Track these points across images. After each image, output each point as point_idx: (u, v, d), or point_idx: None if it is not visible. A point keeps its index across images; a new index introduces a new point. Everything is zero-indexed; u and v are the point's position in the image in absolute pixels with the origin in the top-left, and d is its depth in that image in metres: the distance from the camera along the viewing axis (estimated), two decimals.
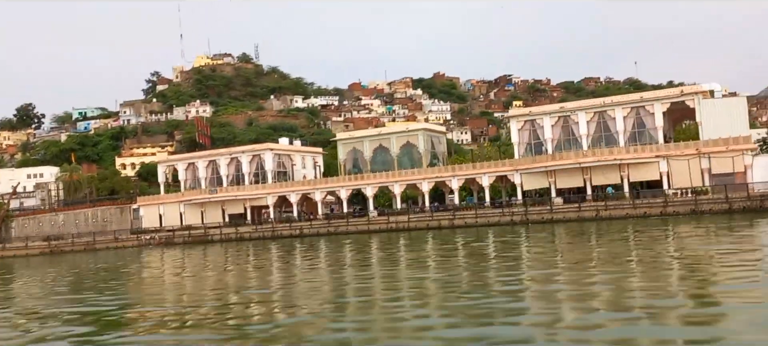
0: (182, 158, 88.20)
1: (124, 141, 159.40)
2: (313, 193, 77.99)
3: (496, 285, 23.86)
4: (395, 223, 67.80)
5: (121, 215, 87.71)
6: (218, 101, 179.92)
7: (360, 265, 36.55)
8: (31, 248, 76.58)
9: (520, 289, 22.73)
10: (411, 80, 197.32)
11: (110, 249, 78.19)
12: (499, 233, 53.53)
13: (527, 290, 22.36)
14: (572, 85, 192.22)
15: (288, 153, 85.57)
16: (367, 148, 76.59)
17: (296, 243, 62.28)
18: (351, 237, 65.02)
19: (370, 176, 74.70)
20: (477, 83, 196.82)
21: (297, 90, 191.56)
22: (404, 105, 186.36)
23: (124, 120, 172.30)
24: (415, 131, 74.48)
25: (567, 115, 65.18)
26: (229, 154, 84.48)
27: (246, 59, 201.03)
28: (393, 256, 40.76)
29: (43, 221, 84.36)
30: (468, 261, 33.57)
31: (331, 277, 30.95)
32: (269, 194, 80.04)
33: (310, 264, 39.21)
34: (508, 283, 24.01)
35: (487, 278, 26.11)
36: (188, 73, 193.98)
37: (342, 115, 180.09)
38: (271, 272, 35.94)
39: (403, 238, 57.72)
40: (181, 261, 50.46)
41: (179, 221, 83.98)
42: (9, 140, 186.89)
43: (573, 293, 20.59)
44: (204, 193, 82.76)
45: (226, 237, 76.36)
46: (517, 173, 66.35)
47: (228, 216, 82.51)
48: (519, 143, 67.73)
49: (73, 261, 63.78)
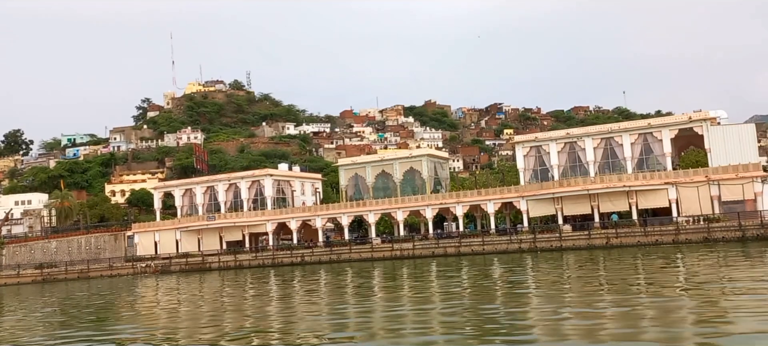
0: (179, 184, 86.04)
1: (114, 168, 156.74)
2: (314, 220, 76.18)
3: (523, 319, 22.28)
4: (400, 250, 66.11)
5: (115, 242, 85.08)
6: (210, 128, 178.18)
7: (364, 295, 34.72)
8: (22, 276, 73.79)
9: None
10: (402, 108, 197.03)
11: (104, 277, 75.65)
12: (507, 261, 52.04)
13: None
14: (562, 113, 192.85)
15: (287, 179, 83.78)
16: (370, 174, 75.09)
17: (297, 271, 60.36)
18: (354, 265, 63.23)
19: (372, 203, 73.08)
20: (468, 111, 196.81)
21: (289, 117, 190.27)
22: (396, 132, 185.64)
23: (114, 146, 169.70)
24: (418, 157, 73.18)
25: (573, 141, 64.28)
26: (228, 180, 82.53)
27: (238, 86, 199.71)
28: (398, 285, 39.01)
29: (35, 249, 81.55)
30: (479, 293, 32.00)
31: (333, 310, 29.02)
32: (269, 221, 78.05)
33: (309, 297, 37.09)
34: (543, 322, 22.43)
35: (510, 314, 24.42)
36: (180, 100, 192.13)
37: (334, 142, 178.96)
38: (270, 304, 33.83)
39: (407, 266, 56.05)
40: (178, 291, 48.09)
41: (175, 248, 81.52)
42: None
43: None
44: (201, 219, 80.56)
45: (225, 265, 74.19)
46: (524, 200, 65.12)
47: (226, 243, 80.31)
48: (524, 169, 66.57)
49: (66, 290, 61.29)
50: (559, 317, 21.79)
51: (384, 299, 32.07)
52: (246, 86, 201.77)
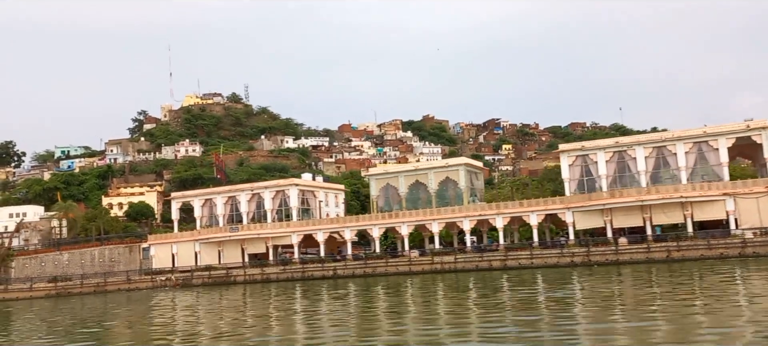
0: (198, 194, 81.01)
1: (112, 180, 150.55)
2: (343, 231, 71.78)
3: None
4: (440, 263, 61.97)
5: (129, 254, 79.67)
6: (208, 141, 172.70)
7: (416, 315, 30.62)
8: (35, 290, 68.09)
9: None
10: (401, 122, 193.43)
11: (122, 291, 70.33)
12: (559, 276, 48.30)
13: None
14: (560, 129, 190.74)
15: (312, 189, 79.25)
16: (403, 184, 70.94)
17: (324, 286, 55.93)
18: (390, 280, 58.95)
19: (405, 214, 68.93)
20: (466, 126, 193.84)
21: (287, 130, 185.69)
22: (395, 147, 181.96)
23: (110, 159, 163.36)
24: (455, 167, 69.23)
25: (623, 149, 60.94)
26: (251, 190, 77.77)
27: (236, 99, 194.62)
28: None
29: (46, 261, 75.82)
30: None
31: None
32: (294, 233, 73.42)
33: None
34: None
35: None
36: (177, 113, 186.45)
37: (333, 156, 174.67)
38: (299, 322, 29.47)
39: (442, 280, 51.96)
40: (214, 310, 42.82)
41: (194, 260, 76.43)
42: None
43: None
44: (223, 231, 75.61)
45: (251, 278, 69.35)
46: (569, 212, 61.48)
47: (247, 256, 75.41)
48: (570, 180, 62.96)
49: (82, 305, 56.05)
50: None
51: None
52: (244, 99, 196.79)
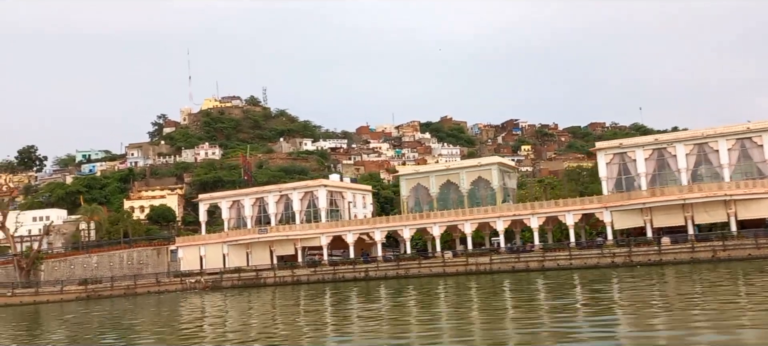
0: (226, 196, 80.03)
1: (133, 183, 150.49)
2: (374, 232, 70.53)
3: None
4: (475, 265, 60.51)
5: (157, 257, 78.90)
6: (227, 143, 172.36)
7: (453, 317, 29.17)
8: (66, 293, 67.32)
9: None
10: (418, 124, 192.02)
11: (151, 293, 69.43)
12: (603, 277, 46.73)
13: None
14: (579, 129, 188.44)
15: (340, 190, 78.04)
16: (434, 185, 69.58)
17: (356, 288, 54.65)
18: (423, 281, 57.56)
19: (437, 214, 67.54)
20: (484, 127, 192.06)
21: (305, 133, 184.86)
22: (413, 148, 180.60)
23: (131, 162, 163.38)
24: (488, 166, 67.75)
25: (662, 147, 59.20)
26: (279, 191, 76.70)
27: (254, 102, 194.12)
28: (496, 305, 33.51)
29: (76, 264, 75.10)
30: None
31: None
32: (323, 234, 72.26)
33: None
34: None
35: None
36: (196, 116, 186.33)
37: (352, 158, 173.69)
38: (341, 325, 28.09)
39: (480, 281, 50.48)
40: (247, 313, 41.63)
41: (222, 262, 75.47)
42: (10, 183, 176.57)
43: None
44: (252, 232, 74.57)
45: (281, 280, 68.23)
46: (607, 211, 59.82)
47: (276, 257, 74.31)
48: (607, 178, 61.28)
49: (111, 308, 55.16)
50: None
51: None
52: (262, 102, 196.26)
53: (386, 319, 30.92)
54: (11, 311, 59.24)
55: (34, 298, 65.73)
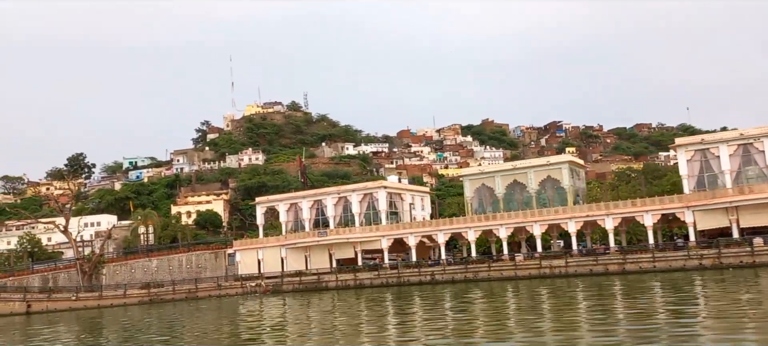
0: (284, 198, 78.34)
1: (179, 189, 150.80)
2: (436, 235, 67.96)
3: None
4: (549, 267, 57.49)
5: (215, 261, 77.60)
6: (270, 149, 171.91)
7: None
8: (129, 296, 66.23)
9: None
10: (460, 127, 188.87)
11: (212, 297, 67.98)
12: (689, 280, 43.45)
13: None
14: (625, 131, 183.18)
15: (399, 192, 75.70)
16: (499, 185, 66.72)
17: (421, 292, 52.14)
18: (494, 285, 54.79)
19: (504, 216, 64.66)
20: (526, 129, 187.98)
21: (347, 137, 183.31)
22: (455, 152, 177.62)
23: (177, 168, 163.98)
24: (558, 164, 64.66)
25: (749, 142, 55.41)
26: (338, 193, 74.69)
27: (295, 107, 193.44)
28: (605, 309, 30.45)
29: (136, 267, 74.20)
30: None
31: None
32: (384, 236, 69.94)
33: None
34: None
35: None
36: (239, 122, 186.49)
37: (393, 161, 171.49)
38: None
39: (558, 285, 47.41)
40: (320, 318, 39.62)
41: (280, 266, 73.70)
42: (60, 190, 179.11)
43: None
44: (311, 235, 72.65)
45: (343, 284, 66.11)
46: (689, 211, 56.25)
47: (335, 261, 72.23)
48: (688, 176, 57.69)
49: (175, 312, 53.58)
50: None
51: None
52: (303, 107, 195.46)
53: (492, 325, 28.34)
54: (75, 315, 58.27)
55: (98, 302, 64.75)
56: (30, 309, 61.10)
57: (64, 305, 62.78)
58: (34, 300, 62.29)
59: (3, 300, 60.58)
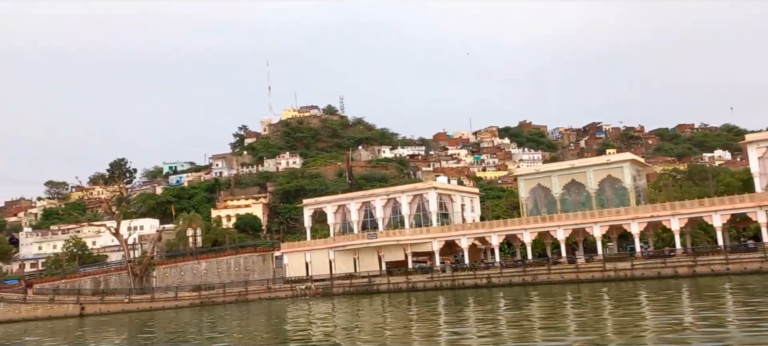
0: (331, 200, 76.83)
1: (219, 193, 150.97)
2: (490, 237, 65.64)
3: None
4: (613, 270, 54.71)
5: (263, 263, 76.42)
6: (307, 153, 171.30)
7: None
8: (180, 299, 65.29)
9: None
10: (497, 129, 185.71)
11: (262, 300, 66.66)
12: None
13: None
14: (667, 132, 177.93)
15: (449, 193, 73.57)
16: (556, 185, 64.14)
17: (475, 295, 49.66)
18: (554, 288, 52.21)
19: (562, 217, 62.04)
20: (565, 131, 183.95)
21: (383, 140, 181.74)
22: (492, 154, 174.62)
23: (216, 172, 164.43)
24: (619, 163, 61.81)
25: None
26: (387, 194, 72.89)
27: (331, 111, 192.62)
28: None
29: (185, 270, 73.39)
30: None
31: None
32: (435, 239, 67.87)
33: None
34: None
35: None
36: (276, 126, 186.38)
37: (430, 164, 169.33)
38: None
39: (626, 289, 44.47)
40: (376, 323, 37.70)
41: (328, 269, 72.13)
42: (104, 194, 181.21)
43: None
44: (359, 238, 70.94)
45: (395, 287, 64.14)
46: (762, 210, 52.97)
47: (384, 263, 70.35)
48: (761, 174, 54.44)
49: (226, 313, 52.23)
50: None
51: None
52: (339, 111, 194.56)
53: (568, 332, 26.06)
54: (128, 317, 57.46)
55: (149, 304, 63.93)
56: (83, 311, 60.50)
57: (116, 307, 62.07)
58: (88, 302, 61.70)
59: (57, 302, 60.10)
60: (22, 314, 57.88)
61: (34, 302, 58.85)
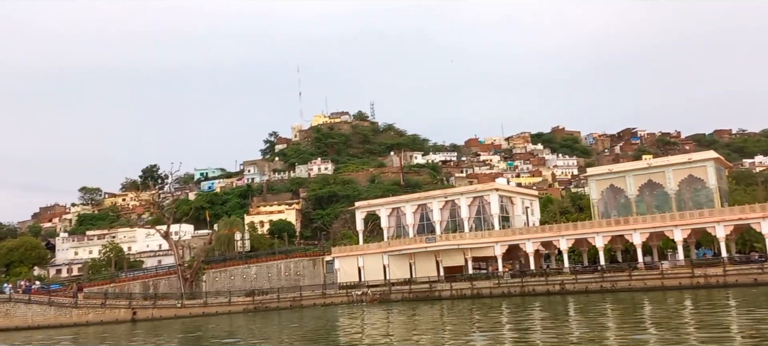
0: (385, 203, 72.80)
1: (251, 199, 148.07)
2: (558, 241, 61.14)
3: None
4: (703, 276, 49.93)
5: (313, 268, 72.53)
6: (338, 159, 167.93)
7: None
8: (234, 304, 61.52)
9: None
10: (529, 135, 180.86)
11: (317, 306, 62.73)
12: None
13: None
14: (704, 137, 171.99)
15: (510, 195, 69.22)
16: (631, 186, 59.50)
17: (546, 302, 45.17)
18: (636, 295, 47.60)
19: (638, 219, 57.39)
20: (599, 137, 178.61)
21: (414, 146, 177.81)
22: (525, 160, 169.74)
23: (248, 178, 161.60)
24: (701, 162, 57.06)
25: None
26: (445, 197, 68.75)
27: (362, 117, 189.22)
28: None
29: (235, 274, 69.71)
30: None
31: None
32: (497, 243, 63.50)
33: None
34: None
35: None
36: (307, 132, 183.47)
37: (463, 170, 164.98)
38: None
39: (702, 297, 39.77)
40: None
41: (383, 274, 68.03)
42: (136, 201, 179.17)
43: None
44: (418, 242, 66.75)
45: (458, 293, 59.81)
46: None
47: (442, 269, 66.09)
48: None
49: (283, 320, 48.27)
50: None
51: None
52: (370, 117, 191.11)
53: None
54: (181, 322, 53.75)
55: (202, 309, 60.23)
56: (135, 316, 57.00)
57: (169, 312, 58.47)
58: (140, 307, 58.16)
59: (109, 307, 56.61)
60: (74, 319, 54.46)
61: (85, 307, 55.40)
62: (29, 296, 54.42)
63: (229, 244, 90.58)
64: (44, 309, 53.27)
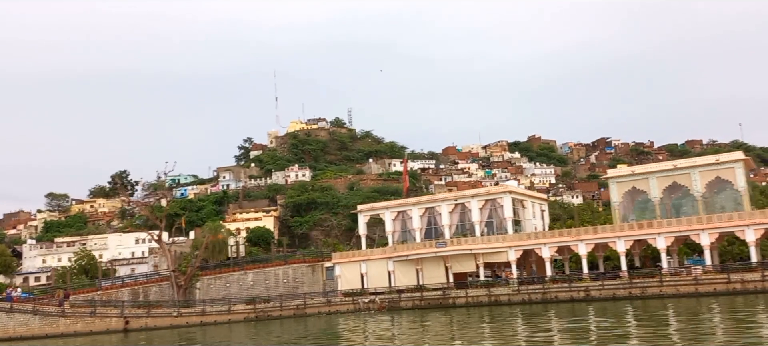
0: (390, 206, 68.19)
1: (227, 206, 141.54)
2: (577, 245, 57.69)
3: None
4: (740, 282, 47.07)
5: (312, 274, 67.32)
6: (315, 165, 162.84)
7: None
8: (234, 313, 55.85)
9: None
10: (507, 143, 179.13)
11: (322, 314, 57.71)
12: None
13: None
14: (676, 147, 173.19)
15: (521, 199, 65.60)
16: (655, 188, 56.48)
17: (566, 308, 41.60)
18: (668, 302, 44.47)
19: (662, 223, 54.38)
20: (574, 146, 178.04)
21: (392, 154, 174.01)
22: (503, 168, 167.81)
23: (223, 185, 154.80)
24: (729, 163, 54.38)
25: None
26: (454, 200, 64.68)
27: (339, 124, 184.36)
28: None
29: (231, 281, 63.93)
30: None
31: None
32: (511, 248, 59.69)
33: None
34: None
35: None
36: (283, 138, 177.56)
37: (442, 178, 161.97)
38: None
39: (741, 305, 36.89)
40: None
41: (387, 281, 63.43)
42: (104, 207, 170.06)
43: None
44: (426, 247, 62.39)
45: (474, 300, 55.71)
46: None
47: (452, 275, 61.88)
48: None
49: (286, 330, 43.39)
50: None
51: None
52: (347, 124, 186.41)
53: None
54: (177, 333, 48.02)
55: (200, 318, 54.40)
56: (128, 326, 50.86)
57: (164, 321, 52.48)
58: (132, 316, 51.95)
59: (99, 316, 50.27)
60: (61, 329, 48.07)
61: (73, 316, 48.97)
62: (11, 305, 47.86)
63: (221, 250, 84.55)
64: (28, 318, 46.72)
